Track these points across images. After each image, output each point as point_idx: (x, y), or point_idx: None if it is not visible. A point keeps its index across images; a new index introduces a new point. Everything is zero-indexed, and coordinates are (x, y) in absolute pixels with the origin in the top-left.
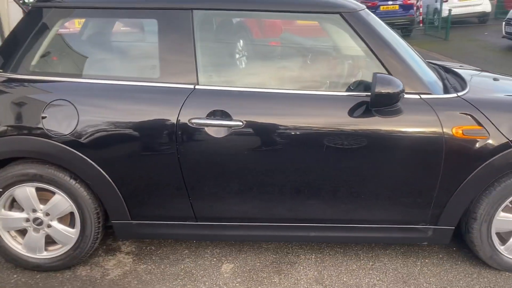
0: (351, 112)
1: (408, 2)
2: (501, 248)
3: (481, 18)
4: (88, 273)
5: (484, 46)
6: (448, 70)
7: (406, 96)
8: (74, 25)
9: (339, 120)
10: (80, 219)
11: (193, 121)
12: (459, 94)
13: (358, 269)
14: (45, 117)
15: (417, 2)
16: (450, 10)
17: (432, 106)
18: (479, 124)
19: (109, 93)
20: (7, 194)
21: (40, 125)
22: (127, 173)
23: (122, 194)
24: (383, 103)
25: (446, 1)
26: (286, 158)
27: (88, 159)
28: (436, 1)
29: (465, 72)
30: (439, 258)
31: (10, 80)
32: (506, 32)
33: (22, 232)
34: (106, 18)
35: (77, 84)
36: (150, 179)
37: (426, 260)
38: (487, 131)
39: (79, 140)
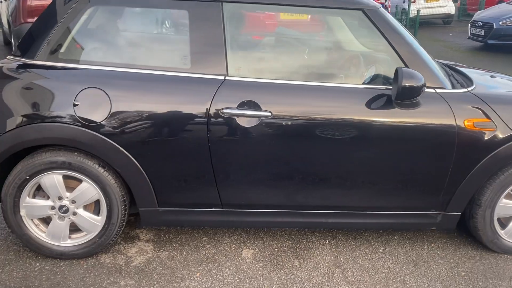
0: (373, 104)
1: (378, 1)
2: (501, 232)
3: (446, 20)
4: (112, 261)
5: (451, 47)
6: (451, 68)
7: None
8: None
9: (361, 111)
10: (107, 206)
11: (224, 111)
12: (469, 89)
13: (371, 254)
14: (77, 104)
15: (385, 2)
16: (418, 11)
17: (447, 100)
18: (488, 117)
19: (141, 82)
20: (33, 181)
21: (72, 112)
22: (157, 161)
23: (151, 182)
24: (407, 96)
25: (414, 1)
26: (310, 147)
27: (120, 147)
28: (404, 2)
29: (467, 70)
30: (443, 243)
31: (39, 67)
32: (472, 34)
33: (45, 220)
34: (136, 7)
35: (109, 72)
36: (179, 167)
37: (432, 245)
38: (495, 124)
39: (111, 128)
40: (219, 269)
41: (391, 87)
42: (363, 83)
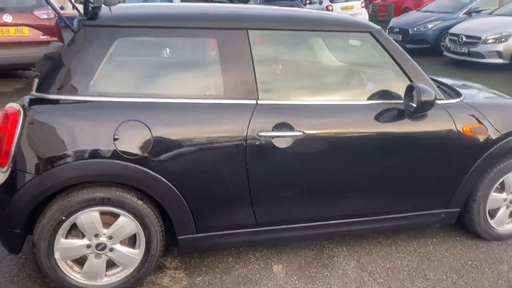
0: (388, 118)
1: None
2: (491, 222)
3: None
4: None
5: None
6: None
7: None
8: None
9: (379, 125)
10: (146, 238)
11: (260, 134)
12: (461, 99)
13: (387, 254)
14: (118, 138)
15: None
16: None
17: (447, 110)
18: (480, 122)
19: (178, 111)
20: (68, 222)
21: (112, 147)
22: (196, 188)
23: (191, 208)
24: (424, 110)
25: (332, 10)
26: (338, 161)
27: (162, 178)
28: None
29: (443, 79)
30: (441, 237)
31: (69, 102)
32: None
33: (77, 260)
34: (163, 38)
35: (145, 104)
36: (217, 192)
37: (434, 240)
38: (486, 128)
39: (153, 159)
40: (259, 287)
41: (398, 101)
42: (382, 99)
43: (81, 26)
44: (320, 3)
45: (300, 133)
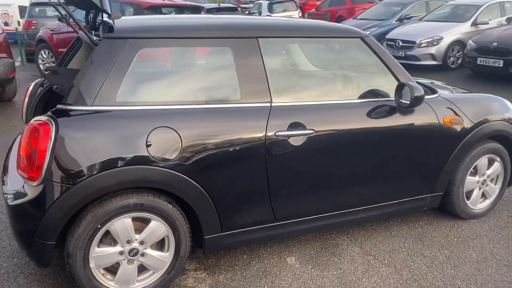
0: (382, 114)
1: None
2: (468, 203)
3: None
4: None
5: None
6: None
7: None
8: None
9: (377, 121)
10: (176, 241)
11: (278, 133)
12: (438, 94)
13: (385, 239)
14: (150, 144)
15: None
16: None
17: (429, 104)
18: (456, 114)
19: (203, 116)
20: (102, 230)
21: (146, 153)
22: (222, 188)
23: (217, 208)
24: (415, 105)
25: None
26: (345, 156)
27: (192, 180)
28: (260, 14)
29: (417, 79)
30: (425, 220)
31: (97, 113)
32: None
33: (107, 268)
34: (182, 47)
35: (173, 111)
36: (240, 190)
37: (420, 223)
38: (462, 119)
39: (183, 163)
40: (280, 278)
41: (389, 98)
42: (366, 98)
43: (102, 38)
44: (260, 13)
45: (311, 131)
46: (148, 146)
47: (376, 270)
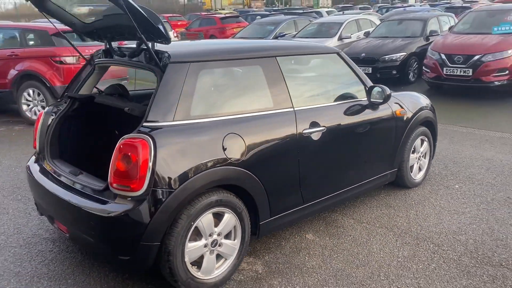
0: (364, 110)
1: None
2: (411, 175)
3: None
4: (245, 277)
5: None
6: None
7: None
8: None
9: (360, 117)
10: (242, 229)
11: (304, 131)
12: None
13: (367, 209)
14: (226, 148)
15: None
16: None
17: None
18: (402, 107)
19: (256, 122)
20: (193, 227)
21: (223, 156)
22: (271, 180)
23: (268, 198)
24: (387, 101)
25: None
26: (346, 145)
27: (253, 175)
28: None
29: None
30: (381, 191)
31: (181, 126)
32: None
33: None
34: (226, 67)
35: (235, 119)
36: (282, 181)
37: (381, 196)
38: (406, 110)
39: (248, 161)
40: (310, 251)
41: (361, 98)
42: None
43: (167, 63)
44: None
45: (323, 128)
46: (224, 149)
47: (375, 232)
